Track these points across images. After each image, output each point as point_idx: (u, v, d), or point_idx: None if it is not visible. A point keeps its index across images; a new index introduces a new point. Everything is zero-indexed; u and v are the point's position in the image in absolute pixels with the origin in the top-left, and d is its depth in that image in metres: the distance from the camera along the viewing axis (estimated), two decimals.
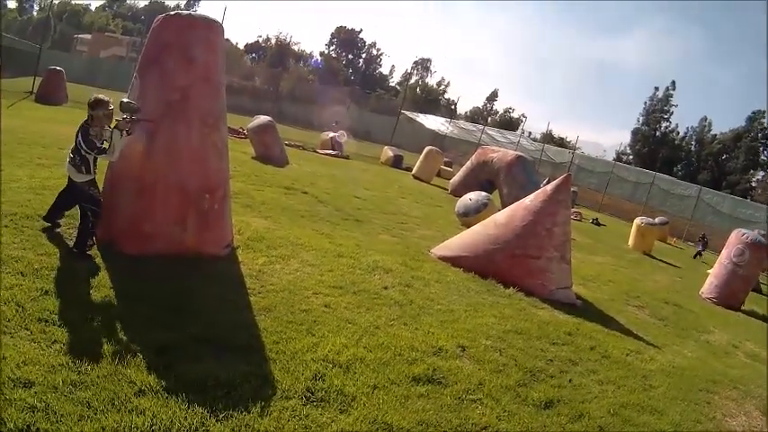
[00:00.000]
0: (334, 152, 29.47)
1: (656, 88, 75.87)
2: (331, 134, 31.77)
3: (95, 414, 3.81)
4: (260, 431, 4.04)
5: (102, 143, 6.62)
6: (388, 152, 33.36)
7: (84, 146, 6.51)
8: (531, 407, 5.58)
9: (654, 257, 22.31)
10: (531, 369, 6.48)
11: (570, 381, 6.49)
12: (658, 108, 74.82)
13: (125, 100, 6.80)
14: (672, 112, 74.64)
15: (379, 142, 43.89)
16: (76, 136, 6.58)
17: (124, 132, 6.66)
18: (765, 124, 68.55)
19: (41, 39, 42.93)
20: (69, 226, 7.20)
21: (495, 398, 5.54)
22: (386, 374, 5.39)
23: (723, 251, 16.49)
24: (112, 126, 6.68)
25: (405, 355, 5.90)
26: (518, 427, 5.12)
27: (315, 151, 29.13)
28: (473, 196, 16.44)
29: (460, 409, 5.14)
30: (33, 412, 3.68)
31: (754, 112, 69.96)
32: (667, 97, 74.74)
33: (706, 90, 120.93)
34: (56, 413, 3.72)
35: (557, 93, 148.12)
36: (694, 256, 25.89)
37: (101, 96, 6.76)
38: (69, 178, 6.82)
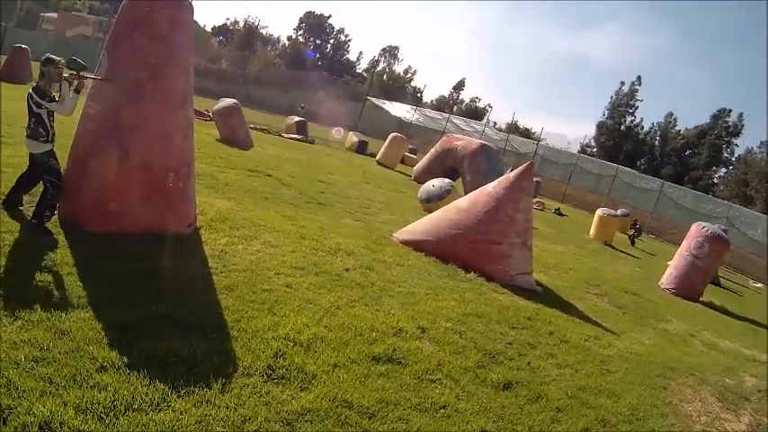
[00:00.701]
0: (299, 136, 29.41)
1: (622, 83, 76.52)
2: (296, 118, 31.70)
3: (57, 390, 3.83)
4: (221, 407, 4.09)
5: (53, 96, 6.62)
6: (353, 138, 33.36)
7: (36, 96, 6.51)
8: (489, 388, 5.69)
9: (615, 248, 22.62)
10: (490, 351, 6.59)
11: (529, 363, 6.61)
12: (624, 102, 75.46)
13: (73, 58, 6.84)
14: (637, 107, 75.34)
15: (344, 128, 43.89)
16: (28, 96, 6.59)
17: (72, 88, 6.68)
18: (729, 123, 69.49)
19: (6, 16, 42.26)
20: (32, 204, 7.14)
21: (454, 378, 5.64)
22: (346, 353, 5.47)
23: (683, 243, 16.72)
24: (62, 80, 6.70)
25: (365, 336, 5.99)
26: (476, 406, 5.22)
27: (280, 135, 29.03)
28: (436, 183, 16.54)
29: (420, 389, 5.23)
30: None
31: (719, 110, 70.98)
32: (633, 92, 75.38)
33: (673, 86, 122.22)
34: (17, 389, 3.73)
35: (524, 84, 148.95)
36: (631, 242, 26.35)
37: (51, 55, 6.79)
38: (30, 154, 6.79)
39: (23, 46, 27.19)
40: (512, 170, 10.98)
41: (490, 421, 5.05)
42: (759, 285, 28.75)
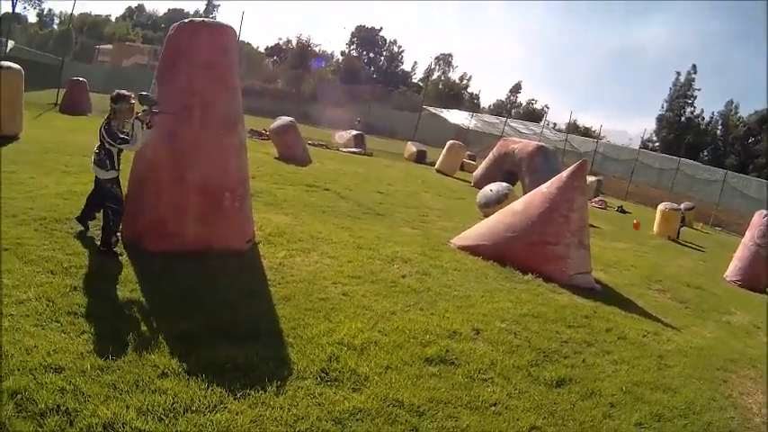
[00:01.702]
0: (357, 150, 29.69)
1: (678, 73, 75.02)
2: (354, 132, 31.99)
3: (120, 394, 4.08)
4: (275, 408, 4.28)
5: (125, 135, 6.91)
6: (412, 148, 33.53)
7: (107, 137, 6.82)
8: (542, 385, 5.71)
9: (679, 242, 22.22)
10: (544, 350, 6.60)
11: (583, 361, 6.58)
12: (682, 93, 74.03)
13: (144, 93, 7.11)
14: (695, 97, 73.72)
15: (403, 139, 44.04)
16: (100, 131, 6.90)
17: (145, 125, 6.93)
18: None
19: (63, 51, 43.57)
20: (98, 227, 7.48)
21: (506, 377, 5.69)
22: (399, 356, 5.59)
23: (747, 233, 16.22)
24: (133, 118, 6.96)
25: (419, 338, 6.10)
26: (527, 403, 5.26)
27: (338, 150, 29.36)
28: (494, 187, 16.55)
29: (471, 387, 5.31)
30: (63, 393, 3.96)
31: None
32: (690, 82, 73.84)
33: (732, 72, 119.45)
34: (83, 394, 4.00)
35: (581, 82, 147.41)
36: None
37: (122, 91, 7.08)
38: (96, 178, 7.13)
39: (81, 79, 27.87)
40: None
41: (541, 418, 5.08)
42: None
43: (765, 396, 6.98)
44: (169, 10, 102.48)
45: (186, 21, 7.68)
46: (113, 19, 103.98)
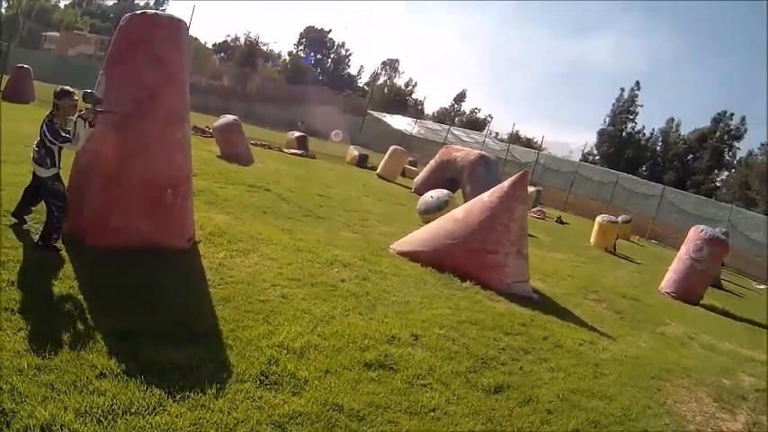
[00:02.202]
0: (299, 151, 29.61)
1: (622, 89, 76.69)
2: (296, 133, 31.91)
3: (58, 395, 4.02)
4: (215, 411, 4.27)
5: (67, 132, 6.78)
6: (354, 151, 33.54)
7: (48, 135, 6.66)
8: (480, 391, 5.81)
9: (615, 254, 22.70)
10: (482, 357, 6.71)
11: (521, 368, 6.71)
12: (624, 109, 75.61)
13: (88, 90, 6.96)
14: (637, 113, 75.51)
15: (346, 142, 44.09)
16: (41, 128, 6.74)
17: (87, 123, 6.79)
18: (731, 126, 69.65)
19: (9, 36, 42.54)
20: (36, 221, 7.36)
21: (444, 383, 5.77)
22: (338, 360, 5.63)
23: (682, 247, 16.72)
24: (76, 116, 6.84)
25: (358, 343, 6.14)
26: (466, 409, 5.35)
27: (281, 150, 29.24)
28: (434, 194, 16.66)
29: (410, 393, 5.37)
30: None
31: (719, 114, 71.18)
32: (632, 98, 75.54)
33: (675, 90, 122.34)
34: (21, 394, 3.93)
35: (525, 94, 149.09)
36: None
37: (67, 87, 6.93)
38: (34, 174, 7.00)
39: (26, 66, 27.26)
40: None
41: (479, 423, 5.18)
42: (762, 287, 28.73)
43: (699, 404, 7.22)
44: (119, 0, 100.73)
45: (139, 12, 7.60)
46: (62, 6, 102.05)
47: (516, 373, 6.53)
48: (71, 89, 6.92)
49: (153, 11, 7.90)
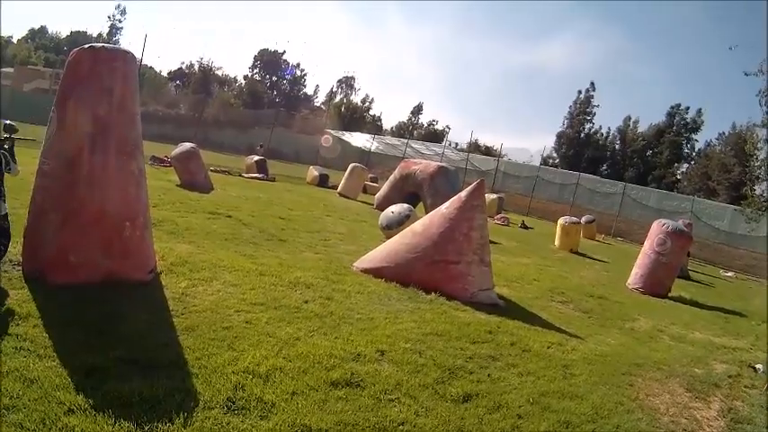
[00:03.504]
0: (260, 175, 29.59)
1: (579, 92, 77.65)
2: (256, 158, 31.89)
3: None
4: None
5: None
6: (314, 172, 33.59)
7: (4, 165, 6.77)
8: (449, 402, 5.86)
9: (581, 254, 22.99)
10: (449, 367, 6.75)
11: (489, 375, 6.75)
12: (581, 110, 76.43)
13: (7, 122, 7.13)
14: (594, 113, 76.41)
15: (306, 163, 44.12)
16: None
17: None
18: (688, 119, 70.74)
19: None
20: None
21: (412, 396, 5.82)
22: (305, 381, 5.67)
23: (646, 242, 17.07)
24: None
25: (323, 363, 6.18)
26: (435, 420, 5.40)
27: (240, 175, 29.19)
28: (395, 209, 16.73)
29: (378, 408, 5.42)
30: None
31: (672, 107, 72.26)
32: (588, 99, 76.47)
33: (630, 90, 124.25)
34: None
35: (482, 102, 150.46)
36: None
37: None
38: None
39: None
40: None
41: None
42: (729, 274, 29.27)
43: (672, 395, 7.33)
44: (72, 32, 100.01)
45: (86, 46, 7.61)
46: (15, 41, 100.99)
47: (485, 381, 6.58)
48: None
49: (100, 44, 7.92)
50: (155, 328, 6.35)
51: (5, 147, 6.94)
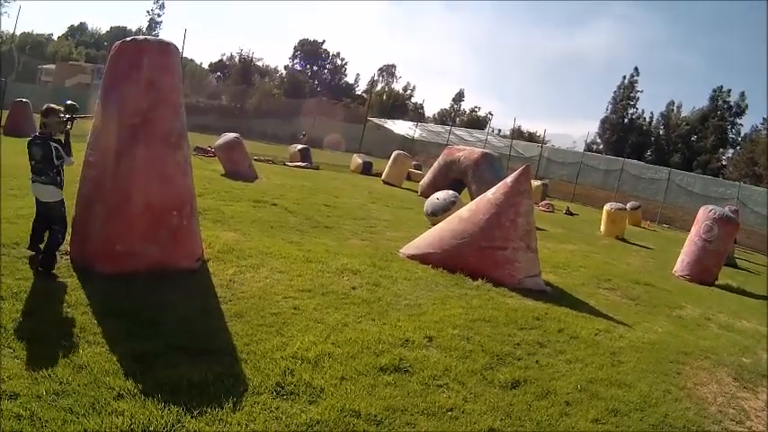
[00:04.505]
0: (303, 164, 29.67)
1: (624, 77, 76.74)
2: (299, 146, 31.98)
3: (77, 418, 4.08)
4: (233, 424, 4.31)
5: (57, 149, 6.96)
6: (357, 160, 33.60)
7: (61, 151, 6.89)
8: (497, 388, 5.80)
9: (627, 241, 22.60)
10: (497, 353, 6.68)
11: (537, 362, 6.68)
12: (625, 95, 75.52)
13: (69, 102, 7.21)
14: (638, 98, 75.54)
15: (349, 151, 44.14)
16: (40, 151, 6.92)
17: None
18: (731, 102, 69.57)
19: (6, 71, 42.74)
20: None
21: (461, 381, 5.77)
22: (353, 366, 5.65)
23: (692, 228, 16.62)
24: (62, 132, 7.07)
25: (372, 348, 6.16)
26: (484, 406, 5.34)
27: (284, 164, 29.32)
28: (441, 195, 16.66)
29: (427, 394, 5.38)
30: (19, 420, 3.96)
31: (714, 90, 71.15)
32: (632, 84, 75.66)
33: (673, 73, 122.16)
34: (40, 419, 3.99)
35: (524, 88, 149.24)
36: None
37: (52, 105, 7.13)
38: (40, 203, 7.08)
39: (24, 100, 27.31)
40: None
41: (498, 419, 5.17)
42: None
43: (720, 385, 7.18)
44: (112, 28, 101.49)
45: (128, 39, 7.67)
46: (56, 38, 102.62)
47: (533, 367, 6.51)
48: (56, 106, 7.11)
49: (143, 37, 7.96)
50: (203, 314, 6.40)
51: (68, 128, 7.02)
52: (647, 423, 5.75)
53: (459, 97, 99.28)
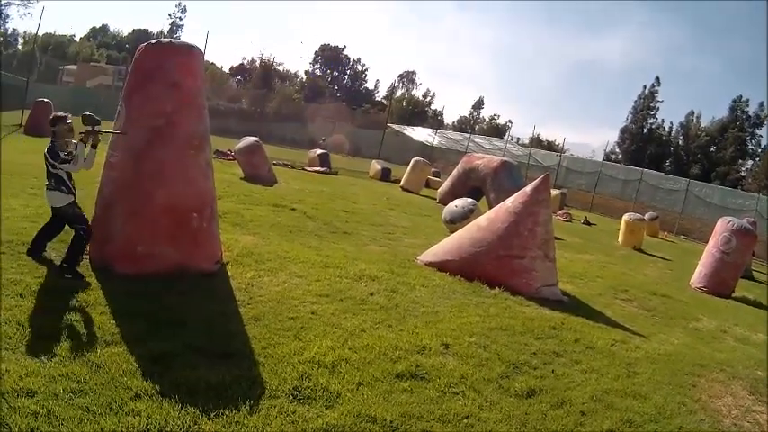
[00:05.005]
0: (322, 169, 29.74)
1: (645, 86, 76.39)
2: (318, 151, 32.06)
3: (94, 417, 4.10)
4: (249, 427, 4.32)
5: (67, 155, 6.96)
6: (376, 166, 33.67)
7: (49, 158, 6.86)
8: (513, 396, 5.79)
9: (644, 252, 22.49)
10: (514, 362, 6.68)
11: (553, 371, 6.68)
12: (645, 105, 75.21)
13: (87, 113, 7.15)
14: (658, 108, 75.12)
15: (368, 157, 44.20)
16: (45, 156, 6.96)
17: (89, 145, 7.01)
18: (750, 113, 69.11)
19: (28, 72, 43.10)
20: (53, 249, 7.53)
21: (477, 389, 5.77)
22: (370, 372, 5.66)
23: (710, 240, 16.51)
24: (76, 139, 7.05)
25: (389, 354, 6.17)
26: (499, 415, 5.34)
27: (303, 169, 29.42)
28: (459, 203, 16.64)
29: (443, 401, 5.38)
30: (36, 417, 3.98)
31: (734, 100, 70.68)
32: (652, 94, 75.22)
33: (695, 83, 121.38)
34: (57, 417, 4.02)
35: (544, 97, 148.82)
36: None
37: (59, 113, 7.22)
38: (53, 208, 7.14)
39: (46, 100, 27.38)
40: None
41: (513, 428, 5.17)
42: None
43: (735, 398, 7.14)
44: (134, 30, 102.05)
45: (154, 42, 7.75)
46: (77, 39, 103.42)
47: (549, 377, 6.50)
48: (63, 114, 7.14)
49: (168, 40, 8.03)
50: (221, 317, 6.41)
51: (82, 139, 7.04)
52: None
53: (478, 105, 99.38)
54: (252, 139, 21.79)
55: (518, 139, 74.15)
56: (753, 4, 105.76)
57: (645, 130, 74.61)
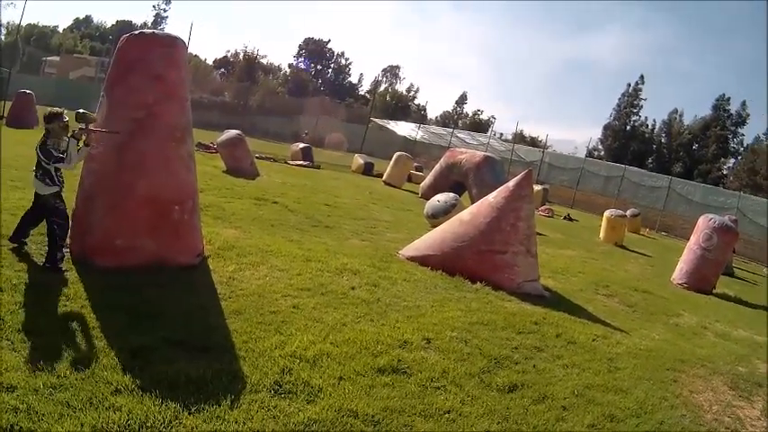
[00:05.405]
0: (305, 163, 29.68)
1: (629, 84, 76.70)
2: (301, 145, 31.99)
3: (74, 412, 4.07)
4: (230, 422, 4.30)
5: (60, 153, 6.88)
6: (359, 160, 33.61)
7: (42, 156, 6.78)
8: (494, 391, 5.81)
9: (626, 248, 22.63)
10: (495, 357, 6.69)
11: (534, 366, 6.70)
12: (629, 103, 75.54)
13: (81, 111, 7.04)
14: (641, 106, 75.46)
15: (351, 151, 44.15)
16: (36, 150, 6.86)
17: (81, 142, 6.92)
18: (732, 112, 69.53)
19: (10, 63, 42.71)
20: (35, 242, 7.49)
21: (458, 384, 5.78)
22: (351, 367, 5.64)
23: (692, 237, 16.66)
24: (69, 136, 6.94)
25: (370, 349, 6.16)
26: (481, 409, 5.35)
27: (286, 162, 29.32)
28: (441, 198, 16.66)
29: (424, 396, 5.39)
30: (16, 413, 3.95)
31: (717, 99, 71.08)
32: (636, 92, 75.51)
33: (679, 82, 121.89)
34: (37, 413, 3.98)
35: (528, 93, 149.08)
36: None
37: (55, 109, 7.10)
38: (35, 194, 7.07)
39: (28, 91, 27.28)
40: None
41: (495, 423, 5.18)
42: None
43: (716, 393, 7.19)
44: (117, 21, 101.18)
45: (136, 33, 7.69)
46: (61, 30, 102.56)
47: (530, 372, 6.52)
48: (59, 110, 7.05)
49: (150, 31, 7.97)
50: (202, 311, 6.38)
51: (75, 135, 6.96)
52: (643, 429, 5.77)
53: (462, 100, 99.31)
54: (234, 131, 21.70)
55: (501, 134, 74.24)
56: (749, 4, 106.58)
57: (628, 128, 74.94)
